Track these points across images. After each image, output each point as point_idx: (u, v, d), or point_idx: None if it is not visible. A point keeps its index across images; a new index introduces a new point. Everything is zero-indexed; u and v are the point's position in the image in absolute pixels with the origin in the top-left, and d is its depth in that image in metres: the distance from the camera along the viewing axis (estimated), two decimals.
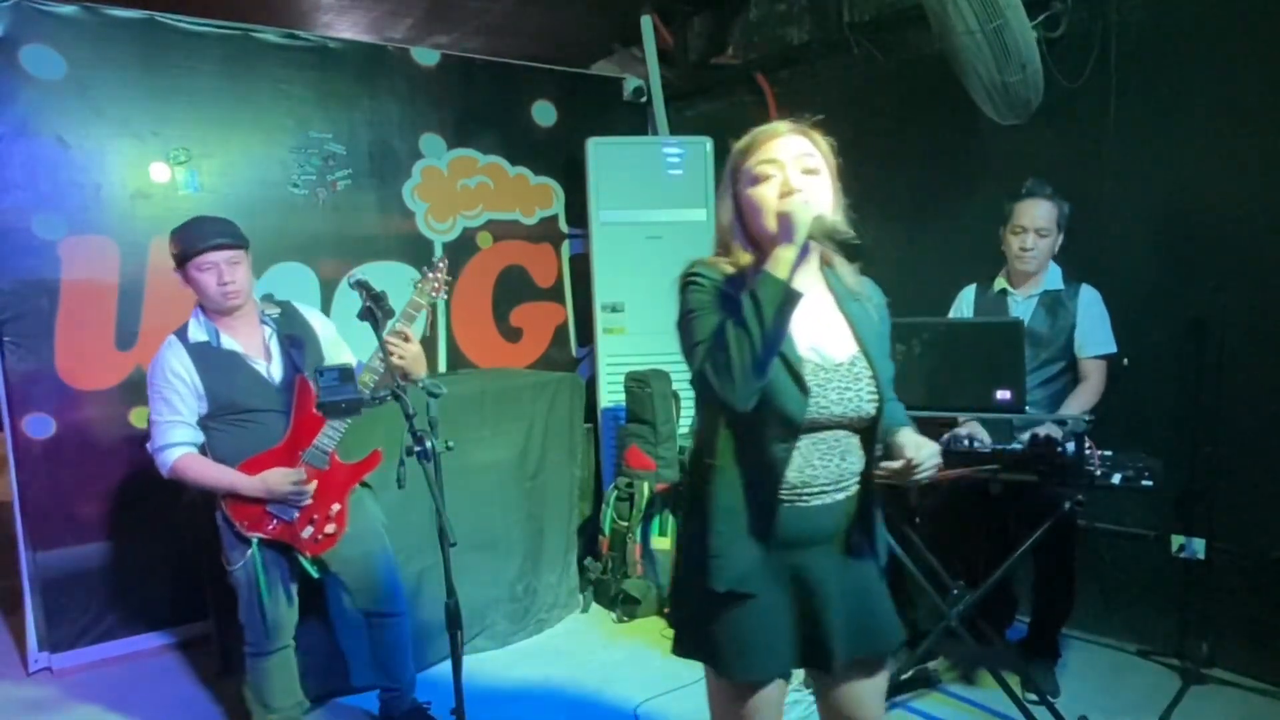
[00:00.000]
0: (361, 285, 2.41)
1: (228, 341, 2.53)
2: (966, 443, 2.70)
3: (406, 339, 2.40)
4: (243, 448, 2.50)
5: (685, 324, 1.56)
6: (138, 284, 3.53)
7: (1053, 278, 2.97)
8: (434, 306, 2.55)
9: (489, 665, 3.36)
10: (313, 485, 2.49)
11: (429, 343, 4.28)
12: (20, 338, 3.30)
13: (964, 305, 3.14)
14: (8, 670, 3.47)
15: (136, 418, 3.54)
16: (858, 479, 1.64)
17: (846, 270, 1.66)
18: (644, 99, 4.94)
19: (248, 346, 2.55)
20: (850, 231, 1.49)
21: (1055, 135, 3.30)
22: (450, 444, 2.19)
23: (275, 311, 2.64)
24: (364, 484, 2.70)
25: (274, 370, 2.56)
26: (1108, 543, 3.32)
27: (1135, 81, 3.14)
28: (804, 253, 1.50)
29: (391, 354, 2.34)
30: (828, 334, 1.60)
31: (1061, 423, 2.74)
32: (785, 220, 1.47)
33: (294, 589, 2.62)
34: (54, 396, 3.37)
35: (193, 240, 2.45)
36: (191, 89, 3.61)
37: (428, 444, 2.10)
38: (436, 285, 2.50)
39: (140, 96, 3.51)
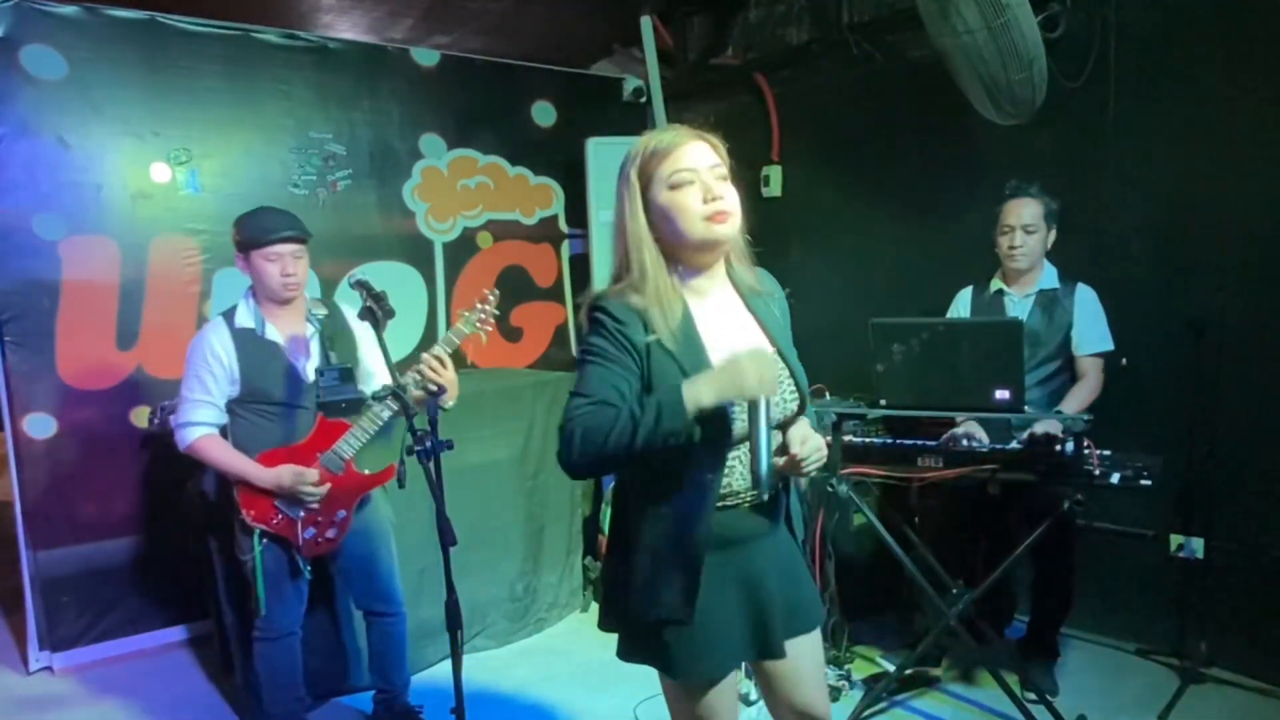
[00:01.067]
0: (362, 285, 2.42)
1: (271, 332, 2.56)
2: (965, 442, 2.71)
3: (444, 364, 2.39)
4: (265, 439, 2.52)
5: (581, 366, 1.55)
6: (138, 284, 3.53)
7: (1049, 277, 2.98)
8: (480, 335, 2.53)
9: (489, 664, 3.36)
10: (325, 489, 2.49)
11: (430, 344, 4.28)
12: (21, 338, 3.30)
13: (960, 306, 3.15)
14: (9, 669, 3.48)
15: (137, 417, 3.55)
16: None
17: (745, 267, 1.66)
18: (644, 99, 4.94)
19: (289, 340, 2.57)
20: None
21: (1054, 135, 3.30)
22: (451, 443, 2.19)
23: (322, 311, 2.66)
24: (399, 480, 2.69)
25: (309, 367, 2.57)
26: (1106, 542, 3.32)
27: (1134, 81, 3.14)
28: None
29: (424, 375, 2.35)
30: (741, 338, 1.59)
31: (1062, 420, 2.74)
32: (735, 382, 1.40)
33: (303, 582, 2.62)
34: (55, 396, 3.38)
35: (263, 230, 2.49)
36: (192, 89, 3.62)
37: (428, 443, 2.10)
38: (483, 318, 2.49)
39: (141, 97, 3.52)
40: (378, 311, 2.32)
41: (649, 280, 1.53)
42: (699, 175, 1.52)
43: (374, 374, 2.65)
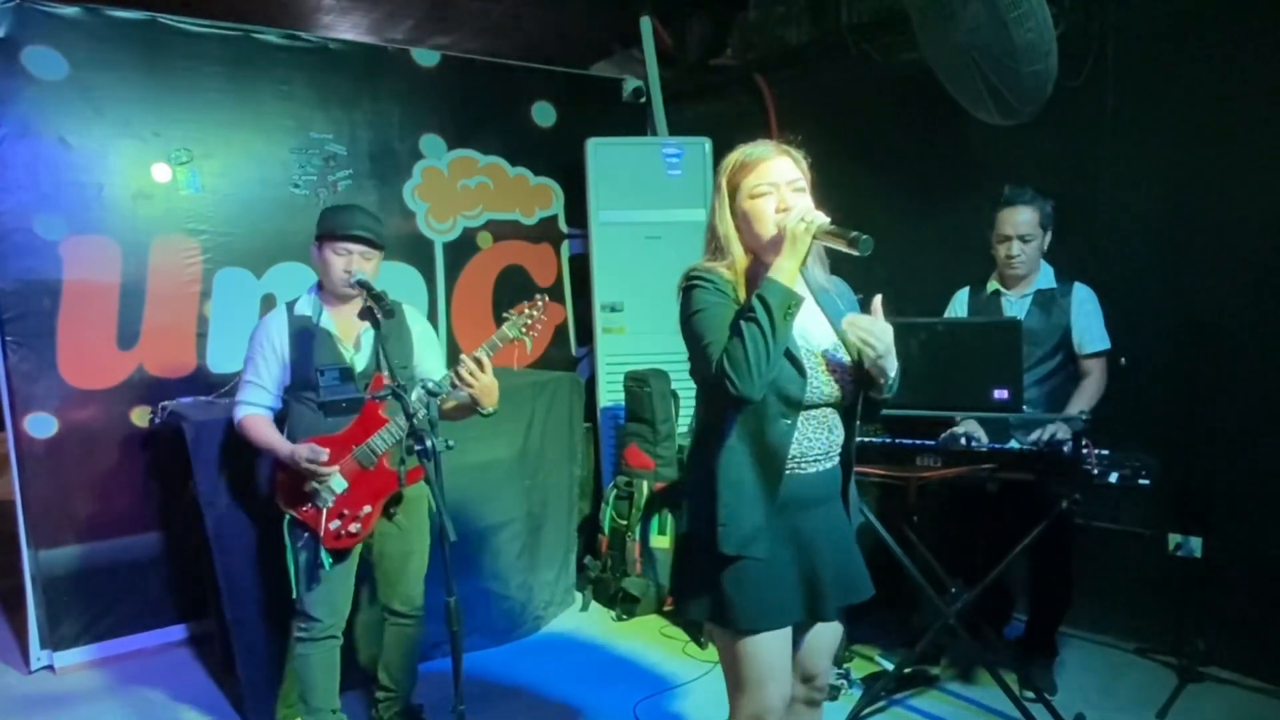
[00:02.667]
0: (362, 285, 2.43)
1: (326, 321, 2.57)
2: (964, 442, 2.72)
3: (483, 368, 2.37)
4: (312, 427, 2.53)
5: (692, 322, 1.76)
6: (139, 284, 3.54)
7: (1045, 277, 2.99)
8: (524, 341, 2.49)
9: (488, 663, 3.37)
10: (329, 470, 2.44)
11: None
12: (22, 337, 3.31)
13: (957, 307, 3.15)
14: (10, 668, 3.48)
15: (138, 417, 3.56)
16: (840, 449, 1.86)
17: (819, 269, 1.89)
18: (643, 100, 4.95)
19: (343, 330, 2.58)
20: (849, 230, 1.68)
21: (1053, 135, 3.31)
22: (451, 443, 2.19)
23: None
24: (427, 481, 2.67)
25: (358, 360, 2.57)
26: (1105, 541, 3.33)
27: (1133, 81, 3.15)
28: (803, 257, 1.72)
29: (461, 378, 2.35)
30: (811, 323, 1.83)
31: (1068, 422, 2.75)
32: (790, 236, 1.70)
33: (348, 585, 2.59)
34: (56, 396, 3.38)
35: (339, 224, 2.51)
36: (193, 90, 3.63)
37: (428, 443, 2.11)
38: (529, 323, 2.46)
39: (142, 97, 3.52)
40: (378, 311, 2.33)
41: (739, 268, 1.79)
42: (778, 188, 1.77)
43: (428, 374, 2.63)
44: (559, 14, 4.88)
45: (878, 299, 1.80)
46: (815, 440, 1.79)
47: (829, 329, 1.85)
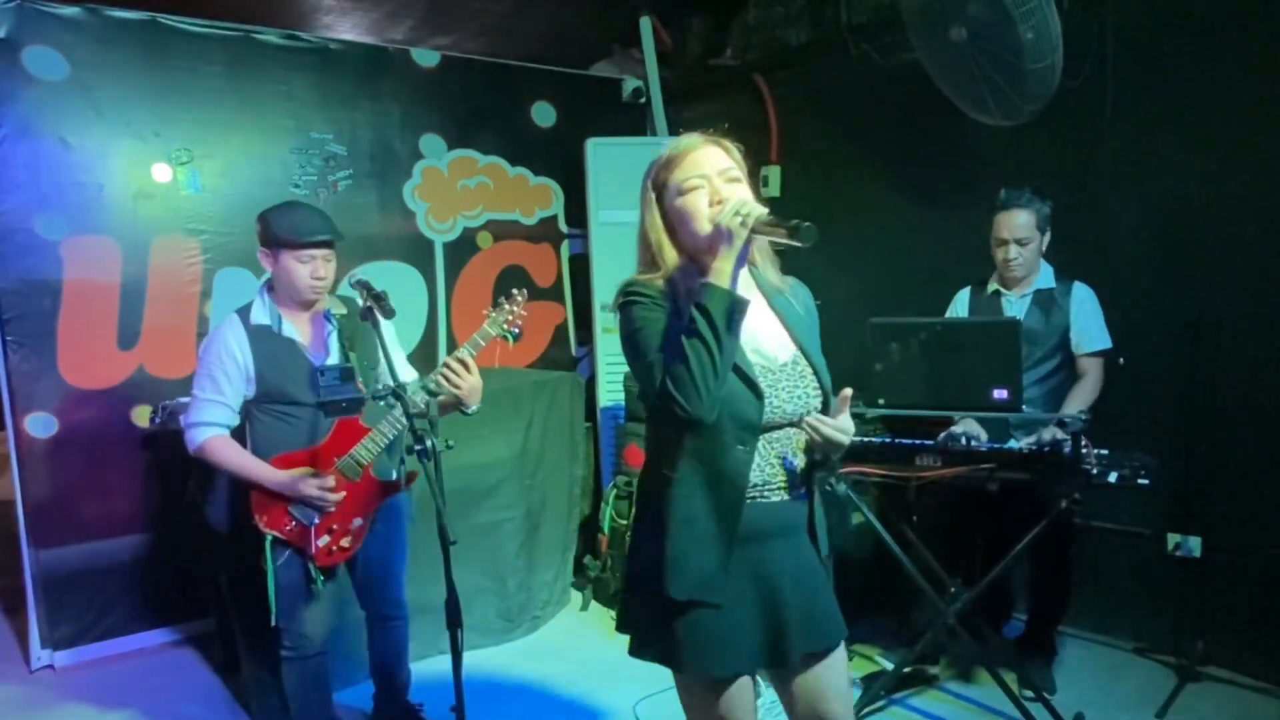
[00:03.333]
0: (362, 285, 2.41)
1: (289, 329, 2.47)
2: (964, 441, 2.72)
3: (468, 368, 2.34)
4: (281, 441, 2.44)
5: (632, 341, 1.60)
6: (139, 284, 3.54)
7: (1045, 276, 2.99)
8: (506, 338, 2.43)
9: (487, 662, 3.37)
10: (340, 495, 2.41)
11: (431, 344, 4.30)
12: (23, 337, 3.31)
13: (959, 307, 3.16)
14: (10, 668, 3.49)
15: (138, 417, 3.56)
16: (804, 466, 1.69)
17: (771, 269, 1.72)
18: (643, 100, 4.95)
19: (307, 337, 2.50)
20: (788, 219, 1.48)
21: (1051, 135, 3.31)
22: (450, 443, 2.20)
23: (342, 310, 2.57)
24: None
25: (351, 366, 2.50)
26: (1104, 541, 3.33)
27: (1131, 81, 3.16)
28: (741, 258, 1.53)
29: (447, 379, 2.30)
30: (765, 335, 1.66)
31: (1063, 424, 2.75)
32: (722, 230, 1.51)
33: (331, 598, 2.55)
34: (56, 395, 3.39)
35: (298, 230, 2.40)
36: (193, 90, 3.63)
37: (428, 443, 2.11)
38: (510, 319, 2.40)
39: (142, 97, 3.53)
40: (378, 311, 2.32)
41: (675, 277, 1.62)
42: (708, 180, 1.59)
43: (396, 374, 2.62)
44: (559, 14, 4.88)
45: (847, 391, 1.63)
46: (778, 465, 1.62)
47: (786, 338, 1.67)
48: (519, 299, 2.42)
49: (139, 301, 3.55)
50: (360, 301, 2.37)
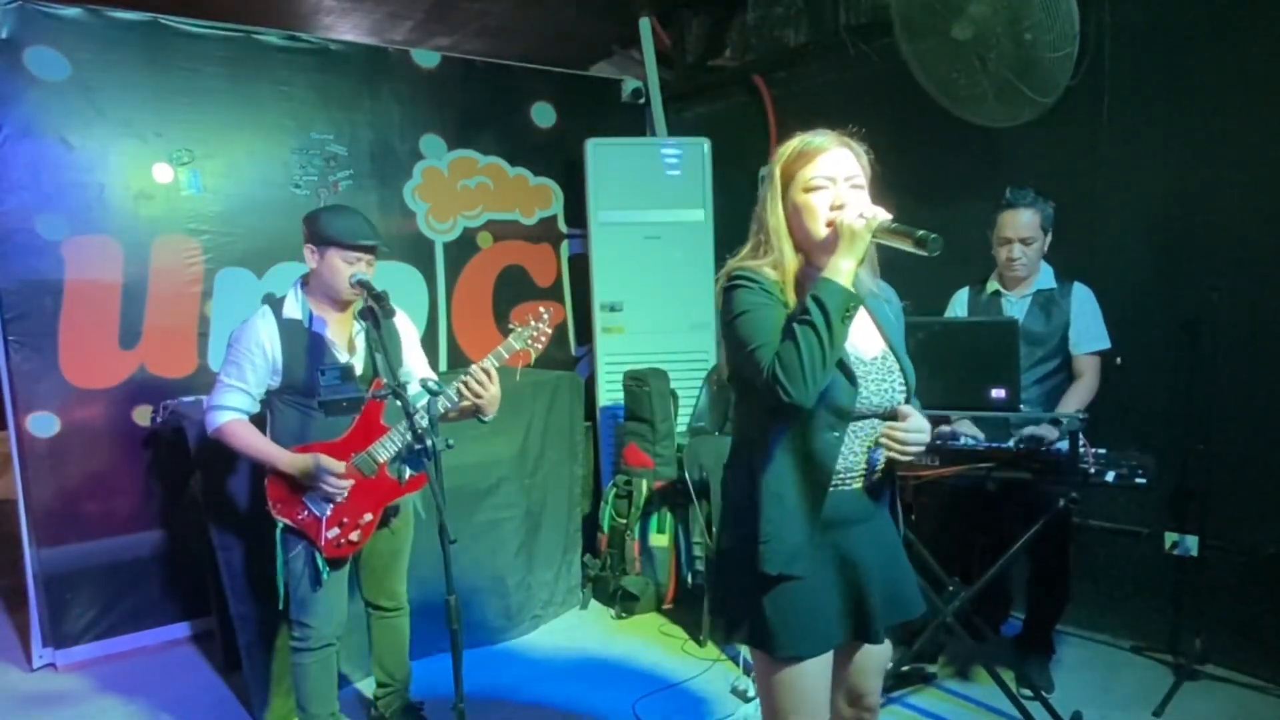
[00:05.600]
0: (363, 285, 2.44)
1: (319, 325, 2.52)
2: (961, 440, 2.73)
3: (490, 378, 2.40)
4: (301, 433, 2.49)
5: (736, 324, 1.63)
6: (140, 284, 3.55)
7: (1045, 277, 3.00)
8: (529, 351, 2.50)
9: (487, 661, 3.38)
10: (347, 483, 2.45)
11: (431, 344, 4.31)
12: (24, 337, 3.32)
13: (957, 307, 3.16)
14: (12, 666, 3.50)
15: (139, 416, 3.57)
16: (885, 462, 1.75)
17: (867, 273, 1.75)
18: (642, 100, 4.97)
19: (335, 335, 2.55)
20: (915, 228, 1.57)
21: (1049, 135, 3.32)
22: (450, 442, 2.21)
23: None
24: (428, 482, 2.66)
25: (355, 365, 2.55)
26: (1102, 540, 3.35)
27: (1129, 82, 3.16)
28: (861, 257, 1.61)
29: (469, 387, 2.36)
30: (859, 332, 1.72)
31: (1056, 422, 2.76)
32: (848, 233, 1.58)
33: (344, 591, 2.59)
34: (58, 395, 3.40)
35: (351, 232, 2.47)
36: (194, 90, 3.64)
37: (429, 442, 2.12)
38: (535, 335, 2.46)
39: (143, 98, 3.54)
40: (378, 311, 2.34)
41: (787, 267, 1.67)
42: (834, 183, 1.65)
43: (415, 374, 2.64)
44: (559, 15, 4.90)
45: (904, 407, 1.69)
46: (862, 454, 1.69)
47: (878, 336, 1.75)
48: (545, 317, 2.49)
49: (140, 301, 3.56)
50: (362, 300, 2.39)
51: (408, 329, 2.74)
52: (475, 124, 4.45)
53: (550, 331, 2.51)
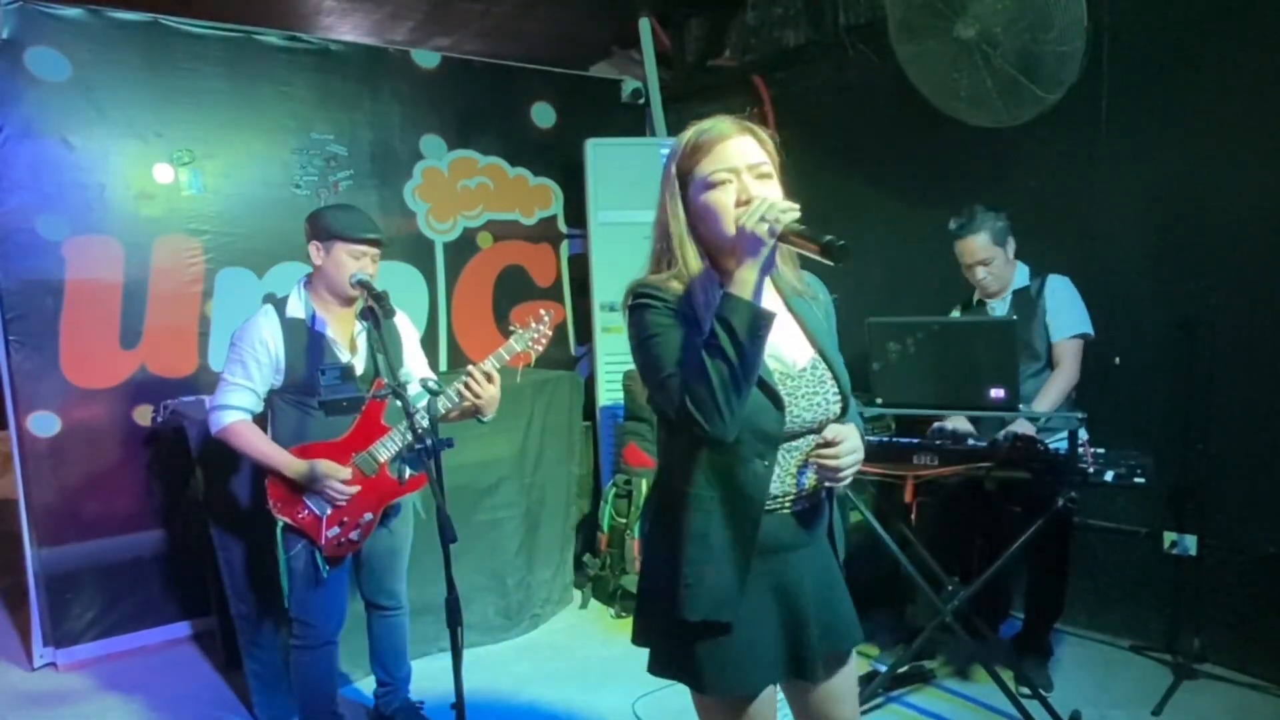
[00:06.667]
0: (363, 285, 2.45)
1: (321, 325, 2.53)
2: (957, 440, 2.73)
3: (490, 379, 2.41)
4: (302, 432, 2.49)
5: (646, 349, 1.47)
6: (141, 284, 3.56)
7: (1020, 277, 3.04)
8: (529, 353, 2.53)
9: (486, 661, 3.39)
10: (353, 489, 2.46)
11: (431, 343, 4.32)
12: (25, 337, 3.33)
13: None
14: (13, 665, 3.50)
15: (140, 415, 3.58)
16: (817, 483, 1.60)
17: (789, 269, 1.60)
18: (642, 101, 4.97)
19: (338, 334, 2.56)
20: (821, 234, 1.36)
21: (1047, 135, 3.32)
22: (450, 441, 2.21)
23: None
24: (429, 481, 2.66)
25: (356, 364, 2.56)
26: (1100, 539, 3.35)
27: (1126, 82, 3.17)
28: (766, 266, 1.41)
29: (469, 388, 2.37)
30: (783, 339, 1.54)
31: (1034, 419, 2.78)
32: (746, 235, 1.38)
33: (344, 589, 2.60)
34: (59, 395, 3.40)
35: (356, 227, 2.49)
36: (195, 90, 3.65)
37: (429, 441, 2.12)
38: (536, 338, 2.49)
39: (144, 98, 3.54)
40: (378, 311, 2.35)
41: (693, 279, 1.49)
42: (738, 174, 1.45)
43: (415, 374, 2.65)
44: (558, 16, 4.90)
45: (827, 434, 1.48)
46: (795, 476, 1.52)
47: (804, 342, 1.57)
48: (546, 319, 2.50)
49: (141, 301, 3.56)
50: (362, 300, 2.40)
51: (408, 330, 2.75)
52: (475, 124, 4.46)
53: (550, 333, 2.53)
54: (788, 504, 1.54)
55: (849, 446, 1.48)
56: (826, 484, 1.54)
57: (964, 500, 3.00)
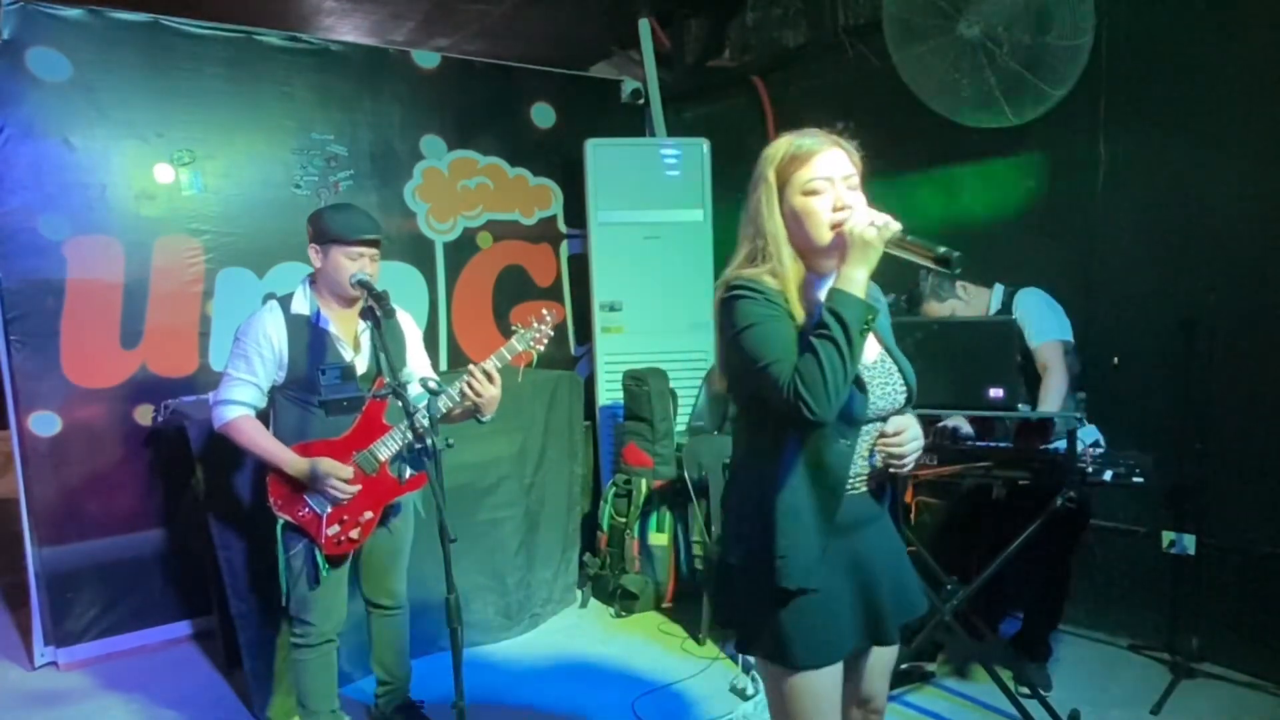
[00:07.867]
0: (363, 285, 2.45)
1: (325, 323, 2.54)
2: (957, 440, 2.74)
3: (491, 379, 2.41)
4: (304, 429, 2.49)
5: (743, 339, 1.57)
6: (142, 283, 3.57)
7: (996, 297, 3.08)
8: (531, 353, 2.53)
9: (487, 660, 3.39)
10: (354, 488, 2.46)
11: (432, 343, 4.33)
12: (26, 336, 3.34)
13: None
14: (14, 664, 3.51)
15: (141, 415, 3.59)
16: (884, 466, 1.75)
17: None
18: (641, 101, 4.98)
19: (341, 332, 2.56)
20: (934, 243, 1.55)
21: (1046, 135, 3.33)
22: (450, 441, 2.22)
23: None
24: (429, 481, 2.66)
25: (359, 362, 2.57)
26: (1099, 538, 3.35)
27: (1126, 84, 3.18)
28: (871, 266, 1.58)
29: (470, 387, 2.38)
30: None
31: (1064, 420, 2.79)
32: (855, 239, 1.55)
33: (344, 588, 2.60)
34: (59, 394, 3.41)
35: (352, 227, 2.48)
36: (195, 91, 3.65)
37: (429, 441, 2.13)
38: (537, 337, 2.49)
39: (145, 98, 3.55)
40: (378, 311, 2.35)
41: (787, 275, 1.61)
42: (833, 184, 1.60)
43: (417, 373, 2.65)
44: (558, 16, 4.91)
45: (887, 426, 1.66)
46: (868, 460, 1.69)
47: (873, 339, 1.72)
48: (547, 319, 2.50)
49: (141, 301, 3.57)
50: (362, 300, 2.40)
51: (411, 329, 2.76)
52: (475, 124, 4.46)
53: (551, 333, 2.53)
54: (860, 483, 1.69)
55: (912, 434, 1.66)
56: (891, 469, 1.69)
57: (964, 499, 3.01)
